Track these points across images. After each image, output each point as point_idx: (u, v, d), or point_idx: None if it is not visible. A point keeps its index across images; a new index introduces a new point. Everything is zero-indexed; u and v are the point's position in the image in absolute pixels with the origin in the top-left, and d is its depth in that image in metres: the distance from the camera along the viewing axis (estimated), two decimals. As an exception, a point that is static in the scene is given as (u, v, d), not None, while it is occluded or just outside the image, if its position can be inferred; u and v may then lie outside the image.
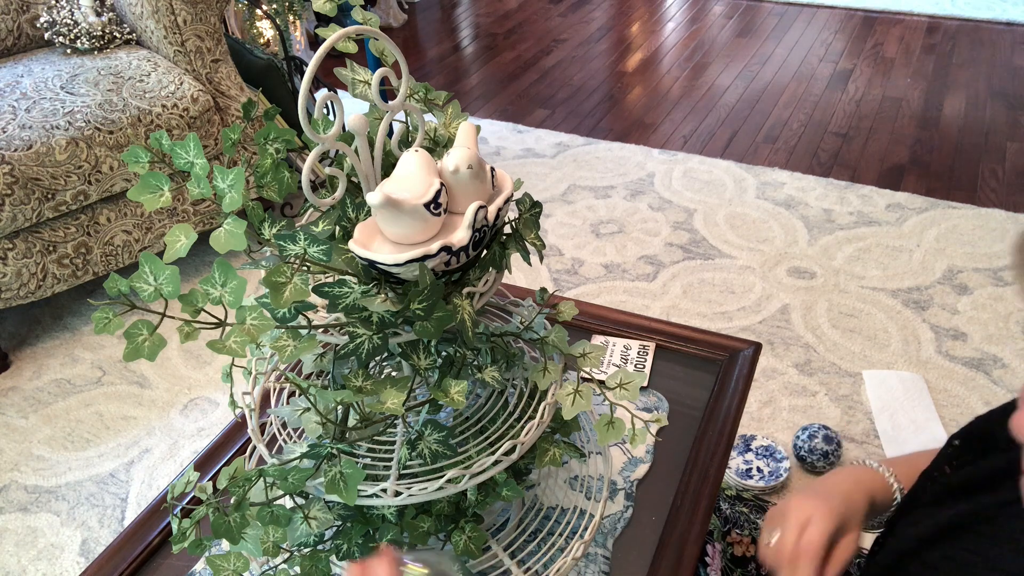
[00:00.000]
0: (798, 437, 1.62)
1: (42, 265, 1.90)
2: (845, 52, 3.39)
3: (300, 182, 0.56)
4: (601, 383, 0.69)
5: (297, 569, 0.67)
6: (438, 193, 0.56)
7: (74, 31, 2.07)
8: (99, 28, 2.09)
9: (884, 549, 0.72)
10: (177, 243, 0.53)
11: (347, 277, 0.58)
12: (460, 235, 0.57)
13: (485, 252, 0.63)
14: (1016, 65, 3.19)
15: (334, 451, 0.57)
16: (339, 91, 2.58)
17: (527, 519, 0.80)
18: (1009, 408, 0.57)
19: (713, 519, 1.07)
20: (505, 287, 0.99)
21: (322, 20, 3.39)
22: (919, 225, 2.30)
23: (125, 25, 2.17)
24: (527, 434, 0.66)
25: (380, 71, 0.61)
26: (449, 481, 0.62)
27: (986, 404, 1.72)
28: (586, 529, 0.76)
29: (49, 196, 1.83)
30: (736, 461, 1.59)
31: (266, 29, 2.68)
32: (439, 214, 0.57)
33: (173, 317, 0.50)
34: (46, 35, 2.10)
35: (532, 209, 0.66)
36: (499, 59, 3.51)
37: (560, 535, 0.78)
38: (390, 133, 0.66)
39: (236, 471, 0.58)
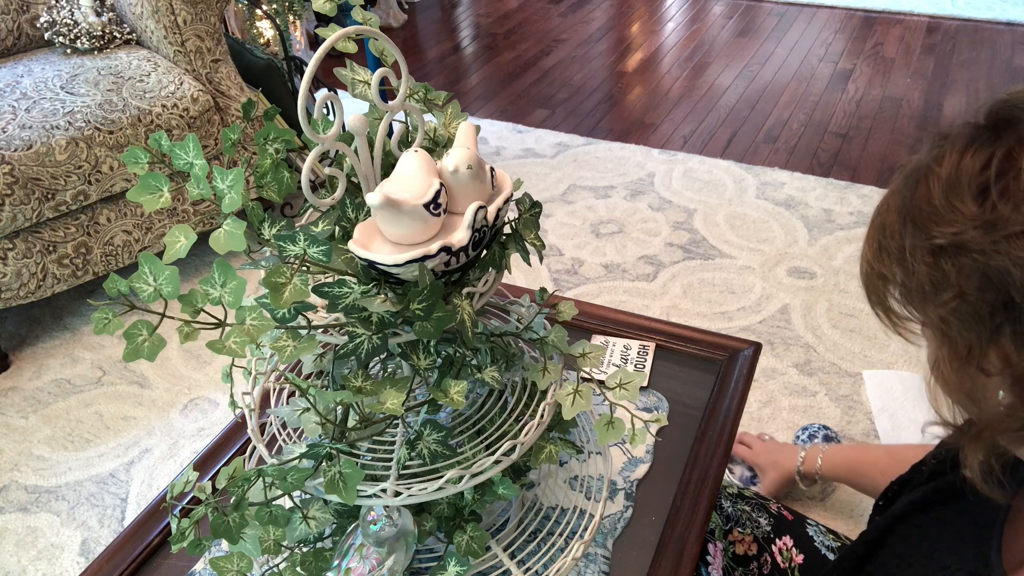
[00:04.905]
0: (798, 437, 1.62)
1: (42, 265, 1.90)
2: (845, 52, 3.39)
3: (300, 182, 0.56)
4: (601, 383, 0.69)
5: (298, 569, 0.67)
6: (438, 193, 0.56)
7: (74, 31, 2.07)
8: (99, 28, 2.09)
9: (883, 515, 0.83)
10: (177, 244, 0.53)
11: (347, 277, 0.58)
12: (460, 235, 0.57)
13: (485, 252, 0.63)
14: (1016, 65, 3.19)
15: (333, 451, 0.57)
16: (339, 91, 2.58)
17: (527, 519, 0.81)
18: None
19: (715, 517, 1.07)
20: (505, 287, 0.99)
21: (322, 20, 3.39)
22: (919, 225, 2.29)
23: (125, 25, 2.17)
24: (527, 434, 0.66)
25: (380, 71, 0.61)
26: (449, 481, 0.62)
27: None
28: (586, 529, 0.76)
29: (49, 196, 1.83)
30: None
31: (266, 29, 2.68)
32: (439, 214, 0.57)
33: (173, 317, 0.50)
34: (46, 35, 2.10)
35: (532, 209, 0.66)
36: (499, 59, 3.51)
37: (560, 535, 0.78)
38: (390, 133, 0.66)
39: (235, 471, 0.58)
